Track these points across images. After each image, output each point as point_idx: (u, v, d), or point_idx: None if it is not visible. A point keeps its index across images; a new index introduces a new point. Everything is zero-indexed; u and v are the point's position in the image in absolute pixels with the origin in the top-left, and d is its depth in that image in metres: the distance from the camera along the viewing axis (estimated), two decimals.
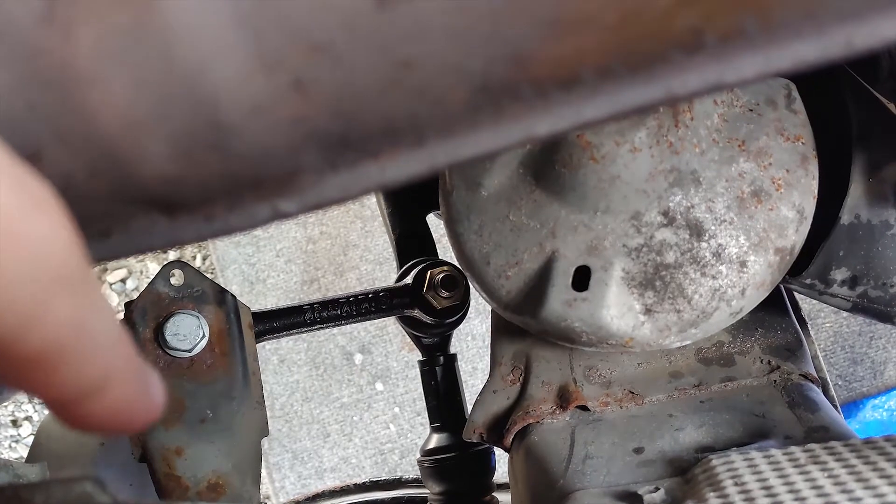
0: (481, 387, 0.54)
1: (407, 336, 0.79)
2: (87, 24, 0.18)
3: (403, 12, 0.19)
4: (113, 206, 0.23)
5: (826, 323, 1.80)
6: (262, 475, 0.56)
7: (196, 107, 0.20)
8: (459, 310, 0.72)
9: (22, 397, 1.89)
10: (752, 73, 0.20)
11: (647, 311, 0.44)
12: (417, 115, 0.21)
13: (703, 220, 0.44)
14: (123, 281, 1.93)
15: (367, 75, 0.20)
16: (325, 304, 0.68)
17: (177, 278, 0.55)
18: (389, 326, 1.85)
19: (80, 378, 0.20)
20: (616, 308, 0.44)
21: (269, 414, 0.57)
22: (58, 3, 0.18)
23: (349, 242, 1.90)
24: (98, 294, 0.19)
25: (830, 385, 0.64)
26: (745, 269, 0.44)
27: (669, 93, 0.21)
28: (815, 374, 0.51)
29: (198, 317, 0.55)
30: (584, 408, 0.50)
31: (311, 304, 0.67)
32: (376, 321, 1.76)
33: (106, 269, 1.92)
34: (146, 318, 0.54)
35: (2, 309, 0.17)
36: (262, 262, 1.90)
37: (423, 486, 0.83)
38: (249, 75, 0.19)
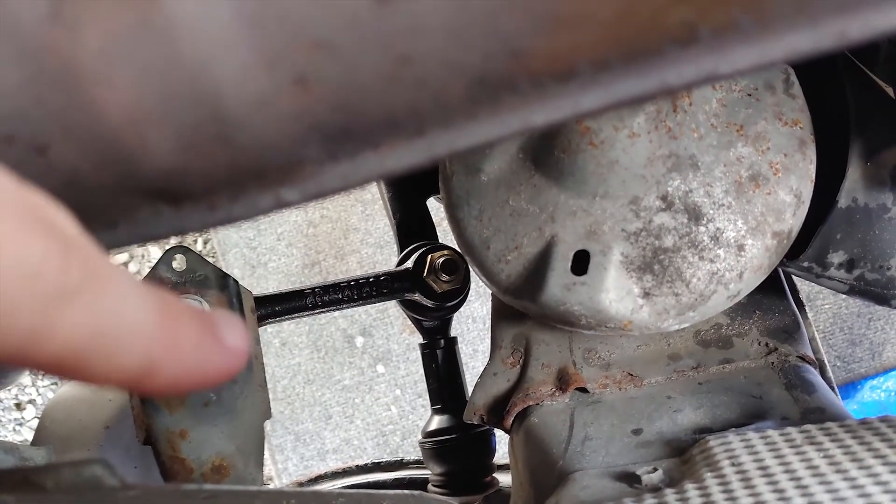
0: (482, 369, 0.54)
1: (408, 319, 0.79)
2: (93, 23, 0.19)
3: (403, 9, 0.19)
4: (119, 198, 0.23)
5: (825, 304, 1.81)
6: (265, 457, 0.57)
7: (200, 101, 0.20)
8: (460, 293, 0.72)
9: (25, 381, 1.89)
10: (745, 64, 0.21)
11: (646, 294, 0.45)
12: (417, 108, 0.21)
13: (702, 205, 0.44)
14: (125, 265, 1.93)
15: (368, 70, 0.20)
16: (327, 289, 0.68)
17: (179, 263, 0.56)
18: (390, 309, 1.86)
19: (121, 368, 0.20)
20: (615, 292, 0.45)
21: (271, 396, 0.57)
22: (64, 3, 0.19)
23: (350, 226, 1.90)
24: (116, 290, 0.20)
25: (828, 366, 0.64)
26: (742, 253, 0.44)
27: (664, 84, 0.21)
28: (812, 356, 0.51)
29: (200, 301, 0.55)
30: (583, 390, 0.51)
31: (313, 289, 0.68)
32: (377, 304, 1.76)
33: (108, 254, 1.92)
34: None
35: (4, 330, 0.18)
36: (263, 245, 1.91)
37: (425, 468, 0.84)
38: (252, 70, 0.20)
